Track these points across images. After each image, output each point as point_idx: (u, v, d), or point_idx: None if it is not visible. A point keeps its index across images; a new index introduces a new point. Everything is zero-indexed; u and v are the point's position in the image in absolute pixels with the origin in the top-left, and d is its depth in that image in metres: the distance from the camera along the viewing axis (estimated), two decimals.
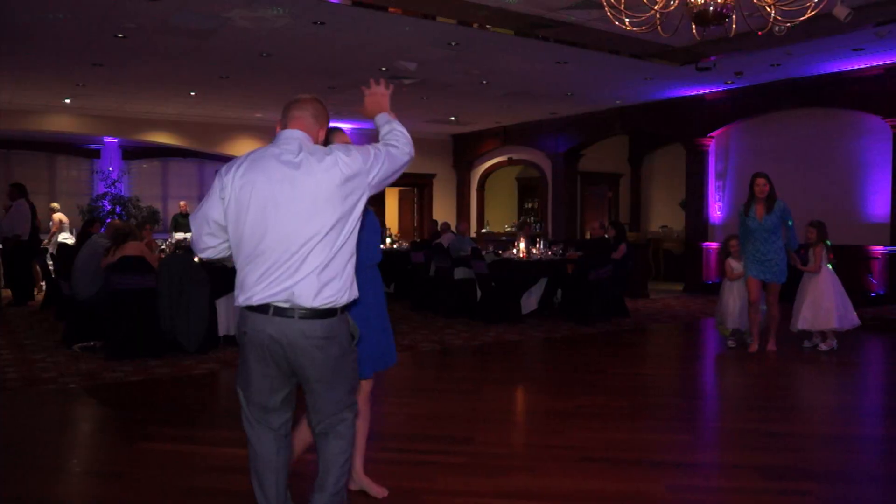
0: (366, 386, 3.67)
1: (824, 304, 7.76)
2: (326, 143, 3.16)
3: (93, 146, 18.14)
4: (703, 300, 12.67)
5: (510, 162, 18.99)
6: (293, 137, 2.91)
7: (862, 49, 10.55)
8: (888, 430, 5.33)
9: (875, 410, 6.03)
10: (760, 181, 7.59)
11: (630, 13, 6.15)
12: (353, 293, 2.94)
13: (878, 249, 11.71)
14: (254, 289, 2.82)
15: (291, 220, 2.77)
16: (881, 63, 11.44)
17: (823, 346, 7.86)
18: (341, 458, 3.05)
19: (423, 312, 11.13)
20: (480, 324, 9.86)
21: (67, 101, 14.40)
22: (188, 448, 4.72)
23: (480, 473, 4.15)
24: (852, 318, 7.86)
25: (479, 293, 10.54)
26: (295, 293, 2.77)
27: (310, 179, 2.79)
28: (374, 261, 3.63)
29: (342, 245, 2.85)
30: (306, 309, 2.80)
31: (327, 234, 2.79)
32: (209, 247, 2.96)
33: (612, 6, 6.06)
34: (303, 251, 2.77)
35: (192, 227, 2.98)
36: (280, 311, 2.80)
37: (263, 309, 2.82)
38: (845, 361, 7.54)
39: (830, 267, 7.99)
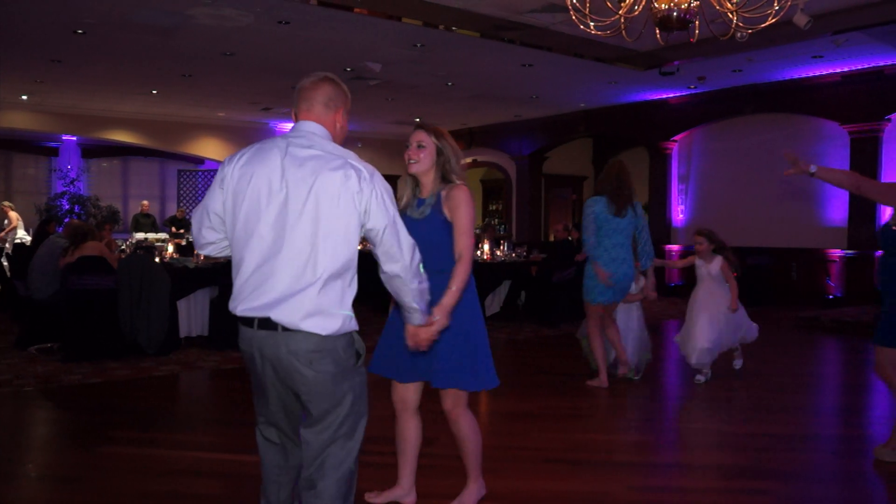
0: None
1: (721, 325, 6.57)
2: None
3: (51, 144, 17.82)
4: (665, 302, 12.79)
5: (475, 164, 19.03)
6: (306, 130, 2.60)
7: (821, 56, 10.75)
8: (845, 430, 5.42)
9: (832, 410, 6.12)
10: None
11: (595, 17, 6.19)
12: (352, 325, 2.57)
13: (836, 253, 11.94)
14: (238, 296, 2.53)
15: (283, 219, 2.47)
16: (839, 70, 11.66)
17: (738, 363, 7.00)
18: None
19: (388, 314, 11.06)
20: None
21: (24, 97, 14.15)
22: (148, 451, 4.65)
23: (444, 475, 4.14)
24: (752, 332, 6.86)
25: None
26: (276, 314, 2.46)
27: (311, 178, 2.47)
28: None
29: (341, 268, 2.50)
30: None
31: (322, 244, 2.46)
32: (209, 242, 2.68)
33: (577, 10, 6.09)
34: (286, 262, 2.46)
35: (193, 221, 2.72)
36: (264, 324, 2.48)
37: (249, 322, 2.52)
38: (804, 362, 7.66)
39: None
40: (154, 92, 13.58)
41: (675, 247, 14.41)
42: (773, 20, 6.03)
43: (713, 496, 3.96)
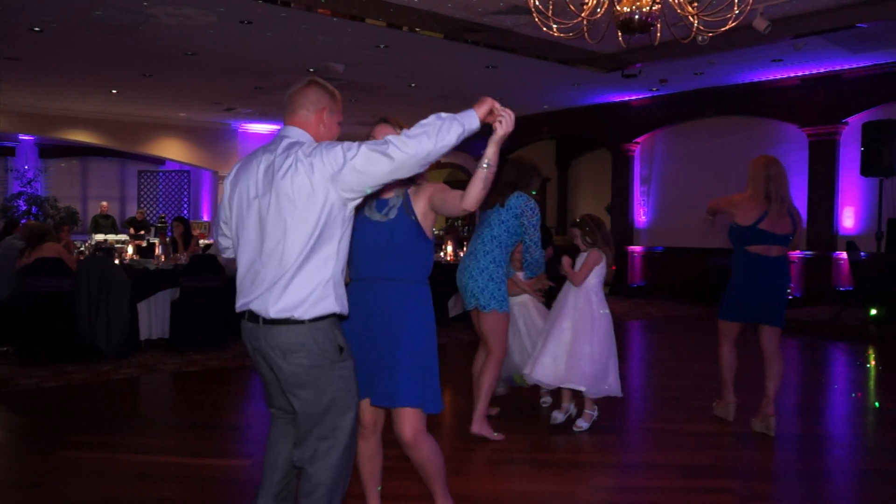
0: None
1: (581, 350, 5.14)
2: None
3: (7, 143, 17.51)
4: (628, 303, 12.91)
5: (438, 165, 19.03)
6: (282, 135, 2.74)
7: (780, 60, 10.92)
8: (804, 429, 5.51)
9: (791, 410, 6.21)
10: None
11: (558, 19, 6.23)
12: (327, 307, 2.62)
13: (795, 254, 12.13)
14: (237, 295, 2.74)
15: (259, 224, 2.63)
16: (798, 74, 11.86)
17: (559, 416, 5.37)
18: (315, 494, 2.75)
19: None
20: None
21: None
22: (108, 456, 4.58)
23: (406, 476, 4.12)
24: (611, 384, 5.18)
25: None
26: (255, 304, 2.64)
27: (271, 182, 2.59)
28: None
29: (309, 255, 2.57)
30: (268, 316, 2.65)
31: (288, 242, 2.56)
32: (224, 247, 2.96)
33: (540, 12, 6.12)
34: (266, 259, 2.61)
35: (213, 228, 2.96)
36: (252, 317, 2.68)
37: (243, 314, 2.75)
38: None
39: (605, 310, 5.31)
40: (114, 91, 13.39)
41: (637, 248, 14.55)
42: (734, 24, 6.12)
43: (675, 495, 3.99)
